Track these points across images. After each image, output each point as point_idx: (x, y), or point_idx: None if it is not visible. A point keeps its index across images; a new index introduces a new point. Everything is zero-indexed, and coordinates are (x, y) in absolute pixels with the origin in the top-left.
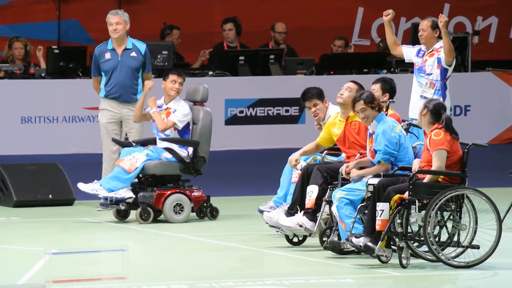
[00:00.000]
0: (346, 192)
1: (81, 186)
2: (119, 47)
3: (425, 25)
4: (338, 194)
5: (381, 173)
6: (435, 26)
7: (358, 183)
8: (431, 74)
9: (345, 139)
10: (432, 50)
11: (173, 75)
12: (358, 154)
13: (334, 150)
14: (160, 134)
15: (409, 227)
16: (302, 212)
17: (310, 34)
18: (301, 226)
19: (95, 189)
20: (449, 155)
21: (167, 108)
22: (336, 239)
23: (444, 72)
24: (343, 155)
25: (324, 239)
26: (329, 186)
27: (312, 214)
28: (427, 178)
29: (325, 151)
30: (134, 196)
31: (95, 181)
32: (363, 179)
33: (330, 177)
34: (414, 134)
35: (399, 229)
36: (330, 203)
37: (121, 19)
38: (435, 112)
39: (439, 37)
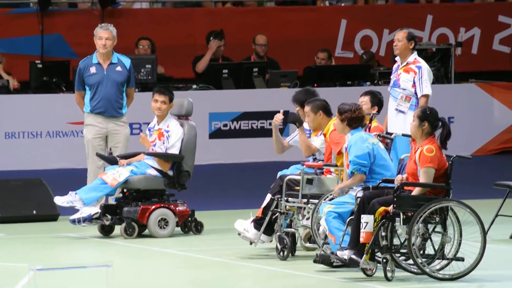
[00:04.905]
0: (334, 205)
1: (57, 199)
2: (105, 61)
3: (400, 36)
4: (326, 208)
5: (370, 186)
6: (410, 38)
7: (346, 196)
8: (406, 89)
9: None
10: (407, 64)
11: (155, 94)
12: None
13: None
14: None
15: (395, 239)
16: (252, 219)
17: (293, 46)
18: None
19: (70, 201)
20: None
21: (159, 128)
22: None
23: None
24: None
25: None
26: (276, 197)
27: (256, 222)
28: (416, 191)
29: (306, 163)
30: (99, 211)
31: (70, 192)
32: (351, 192)
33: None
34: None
35: (383, 242)
36: (275, 213)
37: (111, 35)
38: (434, 120)
39: (414, 49)
